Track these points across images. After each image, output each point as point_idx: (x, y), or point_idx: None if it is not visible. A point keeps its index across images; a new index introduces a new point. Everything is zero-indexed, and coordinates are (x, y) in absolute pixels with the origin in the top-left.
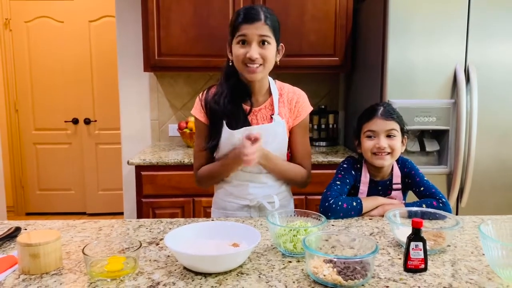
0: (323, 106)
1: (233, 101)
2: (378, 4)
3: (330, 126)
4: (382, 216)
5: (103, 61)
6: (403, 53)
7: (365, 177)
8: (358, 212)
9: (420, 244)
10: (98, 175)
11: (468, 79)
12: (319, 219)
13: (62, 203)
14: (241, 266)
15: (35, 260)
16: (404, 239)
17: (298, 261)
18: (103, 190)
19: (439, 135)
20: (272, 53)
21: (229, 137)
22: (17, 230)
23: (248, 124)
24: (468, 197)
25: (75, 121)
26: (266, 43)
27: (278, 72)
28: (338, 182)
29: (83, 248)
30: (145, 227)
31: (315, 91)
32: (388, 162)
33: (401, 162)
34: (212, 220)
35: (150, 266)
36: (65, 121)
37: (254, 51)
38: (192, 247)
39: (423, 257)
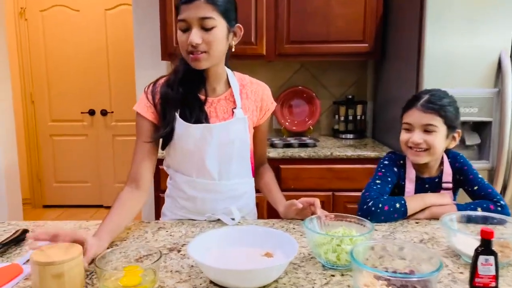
0: (350, 96)
1: (186, 88)
2: None
3: (358, 117)
4: (430, 219)
5: (119, 50)
6: (442, 39)
7: (410, 174)
8: (402, 214)
9: (491, 259)
10: (115, 167)
11: None
12: (363, 225)
13: (78, 196)
14: (276, 281)
15: (59, 281)
16: (463, 248)
17: (343, 275)
18: (120, 182)
19: (481, 127)
20: (218, 37)
21: (184, 134)
22: (24, 232)
23: (205, 116)
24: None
25: (92, 112)
26: (209, 25)
27: (304, 60)
28: (378, 181)
29: (95, 258)
30: (164, 230)
31: (342, 80)
32: (424, 160)
33: (451, 156)
34: (239, 223)
35: (172, 279)
36: (82, 112)
37: (195, 36)
38: (219, 257)
39: (494, 273)
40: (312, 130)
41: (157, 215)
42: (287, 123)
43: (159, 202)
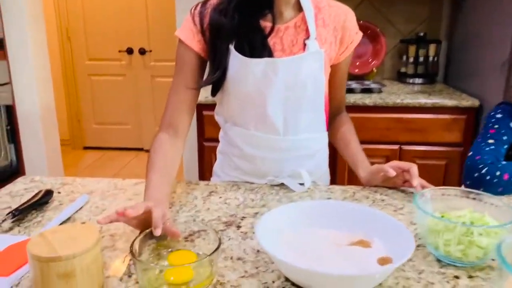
0: (421, 34)
1: (244, 14)
2: None
3: (430, 59)
4: None
5: None
6: None
7: None
8: None
9: None
10: (155, 109)
11: None
12: (490, 203)
13: (118, 138)
14: (380, 284)
15: (68, 281)
16: None
17: (471, 277)
18: None
19: None
20: None
21: (240, 72)
22: (48, 194)
23: (268, 50)
24: None
25: (130, 51)
26: None
27: None
28: (490, 141)
29: (132, 243)
30: (217, 196)
31: (412, 15)
32: None
33: None
34: (309, 189)
35: (234, 271)
36: (119, 51)
37: None
38: (295, 245)
39: None
40: (375, 73)
41: (200, 162)
42: None
43: (202, 154)
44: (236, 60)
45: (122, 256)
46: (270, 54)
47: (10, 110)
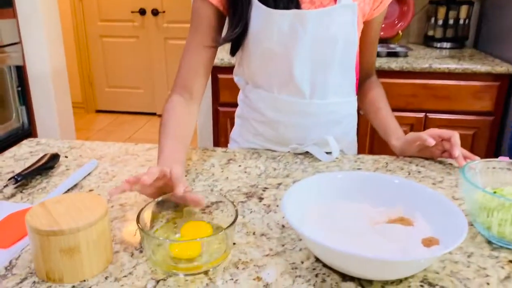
0: None
1: None
2: None
3: (461, 21)
4: None
5: None
6: None
7: None
8: None
9: None
10: (168, 73)
11: None
12: None
13: (131, 102)
14: (424, 269)
15: (72, 258)
16: None
17: None
18: None
19: None
20: None
21: (264, 26)
22: (54, 158)
23: (295, 1)
24: None
25: (142, 12)
26: None
27: None
28: None
29: (140, 212)
30: (236, 164)
31: None
32: None
33: None
34: (337, 159)
35: (257, 249)
36: (132, 12)
37: None
38: (328, 222)
39: None
40: (400, 36)
41: (215, 128)
42: None
43: (217, 119)
44: (259, 12)
45: (133, 228)
46: (297, 5)
47: (21, 71)
